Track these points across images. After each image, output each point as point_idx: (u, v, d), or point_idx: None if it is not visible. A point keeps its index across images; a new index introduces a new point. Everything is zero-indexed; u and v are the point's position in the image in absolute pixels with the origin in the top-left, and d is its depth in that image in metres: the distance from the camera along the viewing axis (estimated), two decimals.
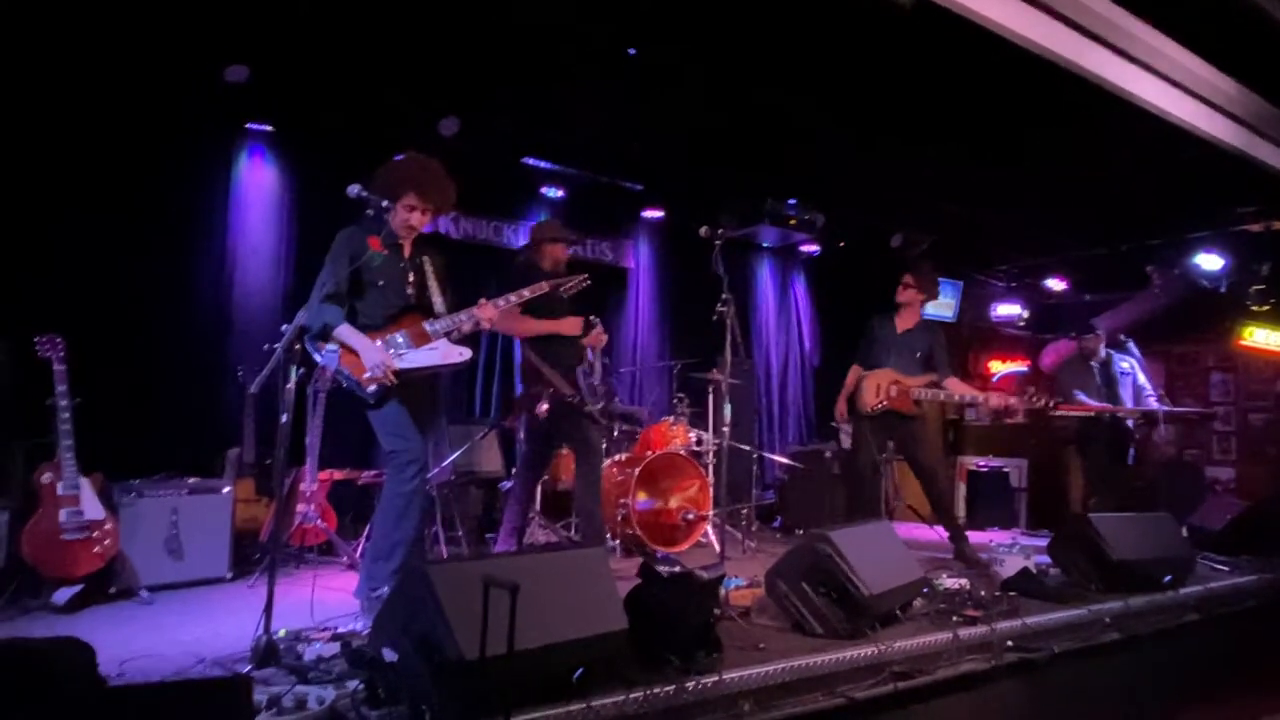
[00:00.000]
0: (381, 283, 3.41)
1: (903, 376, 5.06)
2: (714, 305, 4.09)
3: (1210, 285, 7.72)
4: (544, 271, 4.32)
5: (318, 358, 3.24)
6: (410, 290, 3.49)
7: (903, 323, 5.22)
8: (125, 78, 4.65)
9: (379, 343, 3.32)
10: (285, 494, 4.19)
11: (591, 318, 4.44)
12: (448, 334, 3.44)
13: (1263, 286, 7.56)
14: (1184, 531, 4.93)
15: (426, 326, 3.43)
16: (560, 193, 6.75)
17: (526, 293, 3.77)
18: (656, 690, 2.40)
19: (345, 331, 3.29)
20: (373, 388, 3.28)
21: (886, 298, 5.36)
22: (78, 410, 3.67)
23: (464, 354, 3.47)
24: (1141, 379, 6.19)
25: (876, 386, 5.07)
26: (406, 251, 3.54)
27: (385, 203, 3.31)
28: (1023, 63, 4.16)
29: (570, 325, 4.34)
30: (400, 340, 3.38)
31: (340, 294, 3.32)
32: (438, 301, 3.53)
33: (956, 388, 5.10)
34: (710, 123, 5.54)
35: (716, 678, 2.53)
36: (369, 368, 3.27)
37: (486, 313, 3.49)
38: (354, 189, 3.21)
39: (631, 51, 4.58)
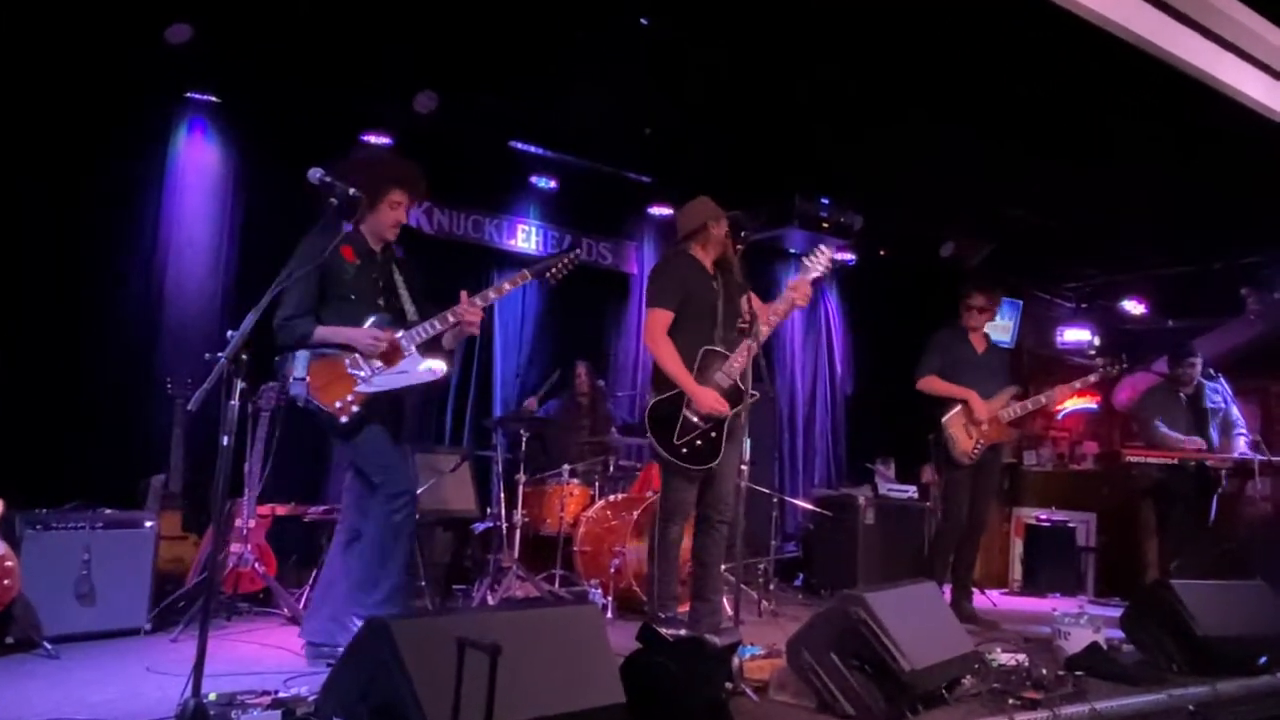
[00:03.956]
0: (354, 296, 3.54)
1: (989, 402, 5.27)
2: None
3: None
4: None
5: (289, 388, 3.42)
6: (381, 301, 3.62)
7: (979, 343, 5.50)
8: (42, 30, 4.64)
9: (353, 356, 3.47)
10: (222, 530, 4.19)
11: None
12: (418, 343, 3.54)
13: None
14: None
15: (401, 340, 3.53)
16: (553, 183, 6.81)
17: (507, 286, 3.70)
18: None
19: (326, 332, 3.45)
20: (345, 418, 3.41)
21: (932, 316, 5.46)
22: None
23: (436, 371, 3.55)
24: (1235, 413, 6.24)
25: (965, 429, 5.25)
26: (377, 257, 3.67)
27: (353, 191, 3.32)
28: (1101, 46, 4.22)
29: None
30: (376, 361, 3.49)
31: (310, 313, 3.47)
32: (410, 309, 3.64)
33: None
34: (732, 106, 5.59)
35: None
36: (364, 349, 3.43)
37: (468, 312, 3.53)
38: (316, 173, 3.21)
39: (644, 21, 4.64)
